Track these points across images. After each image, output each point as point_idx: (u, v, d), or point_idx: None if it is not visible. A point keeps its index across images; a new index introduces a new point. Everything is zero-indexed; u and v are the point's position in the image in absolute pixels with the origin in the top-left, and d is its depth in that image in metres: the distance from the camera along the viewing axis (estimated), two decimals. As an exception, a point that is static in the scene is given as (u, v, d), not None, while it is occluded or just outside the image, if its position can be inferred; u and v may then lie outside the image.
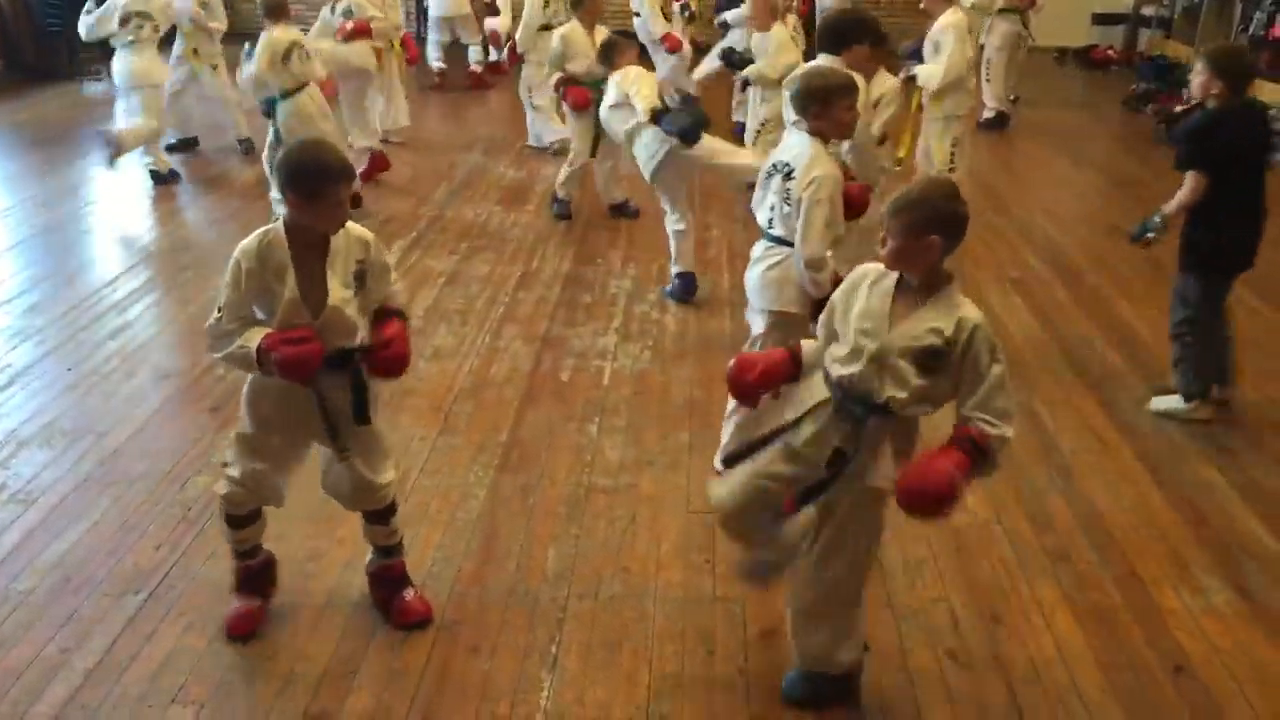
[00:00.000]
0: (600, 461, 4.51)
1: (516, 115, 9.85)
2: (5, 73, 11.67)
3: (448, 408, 4.94)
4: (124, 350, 5.47)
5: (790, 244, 4.06)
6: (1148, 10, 14.59)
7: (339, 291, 3.18)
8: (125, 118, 8.08)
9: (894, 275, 2.88)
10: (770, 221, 4.16)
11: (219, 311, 3.18)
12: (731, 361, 3.17)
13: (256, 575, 3.59)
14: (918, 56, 6.91)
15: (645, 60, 7.01)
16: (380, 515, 3.54)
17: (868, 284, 2.93)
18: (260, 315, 3.19)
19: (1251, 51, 11.45)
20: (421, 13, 15.00)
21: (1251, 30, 11.27)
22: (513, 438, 4.70)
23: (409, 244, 7.08)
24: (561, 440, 4.68)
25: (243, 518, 3.46)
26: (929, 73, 6.77)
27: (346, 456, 3.39)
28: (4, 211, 7.57)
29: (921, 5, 6.92)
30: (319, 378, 3.22)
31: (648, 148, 5.99)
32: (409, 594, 3.60)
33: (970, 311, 2.81)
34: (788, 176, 4.02)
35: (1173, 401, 5.02)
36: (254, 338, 3.13)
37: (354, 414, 3.34)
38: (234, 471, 3.38)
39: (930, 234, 2.76)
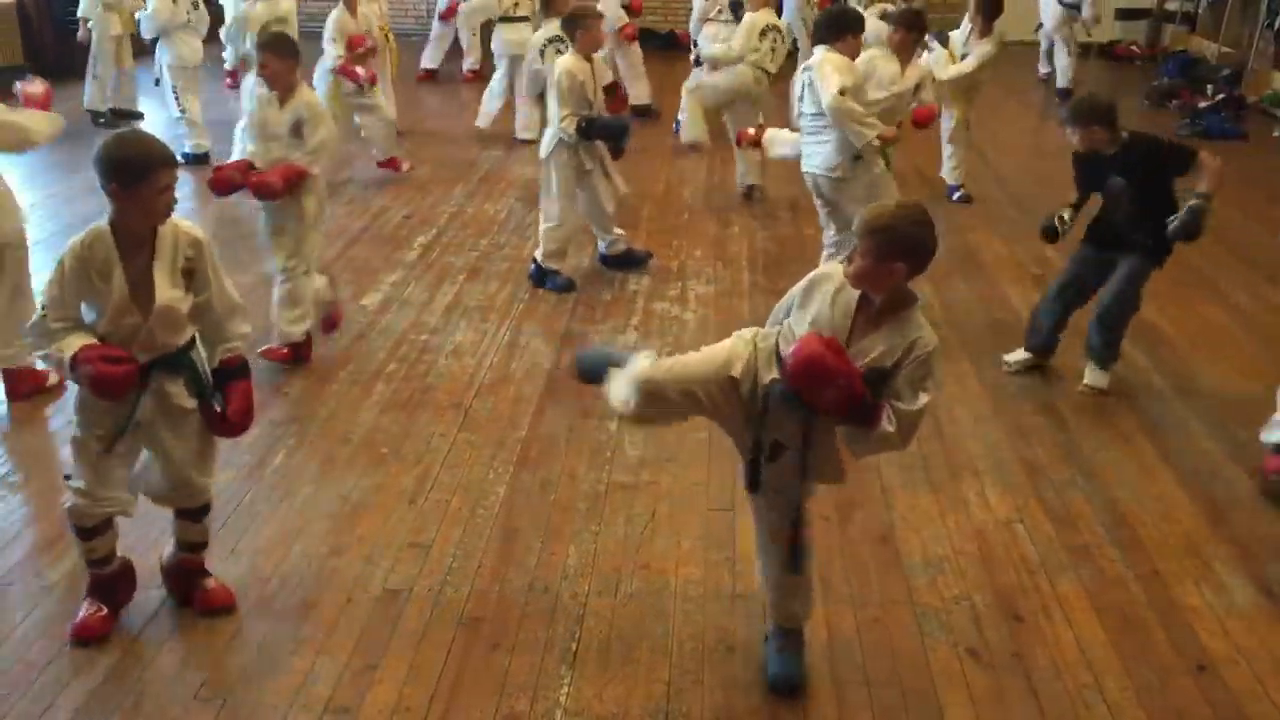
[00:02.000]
0: (620, 458, 4.51)
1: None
2: (28, 70, 11.72)
3: (467, 404, 4.95)
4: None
5: None
6: (1172, 5, 14.51)
7: (166, 290, 3.14)
8: None
9: (857, 292, 2.89)
10: None
11: (43, 309, 3.16)
12: None
13: (107, 583, 3.49)
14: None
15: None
16: (196, 513, 3.52)
17: (830, 292, 2.93)
18: (88, 314, 3.17)
19: (1278, 47, 11.41)
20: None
21: (1277, 26, 11.18)
22: (532, 434, 4.70)
23: (430, 240, 7.10)
24: (581, 437, 4.68)
25: (91, 529, 3.36)
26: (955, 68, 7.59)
27: (154, 452, 3.37)
28: (29, 208, 7.56)
29: None
30: (154, 378, 3.22)
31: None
32: (210, 582, 3.59)
33: (928, 335, 2.86)
34: None
35: None
36: (71, 345, 3.08)
37: (209, 423, 3.34)
38: (78, 483, 3.31)
39: (896, 260, 2.78)
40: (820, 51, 5.58)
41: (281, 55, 4.92)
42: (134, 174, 3.03)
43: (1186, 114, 10.97)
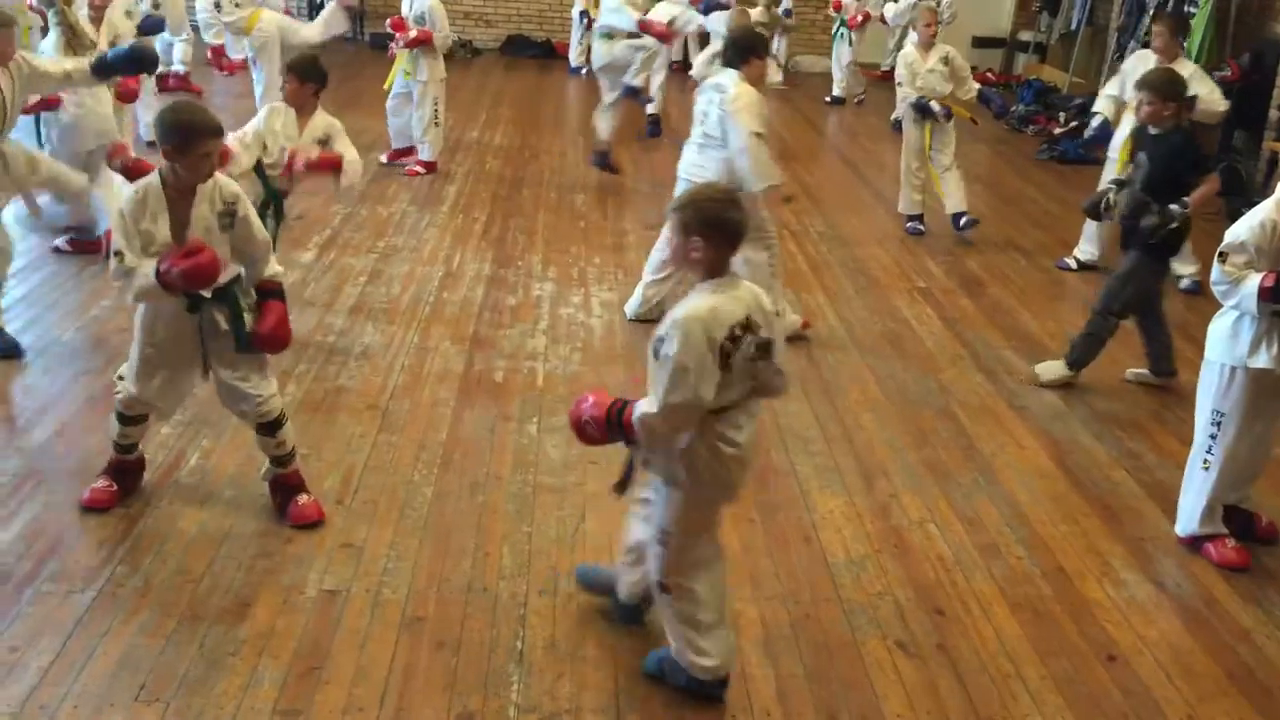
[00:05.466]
0: (544, 461, 4.55)
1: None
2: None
3: (384, 406, 4.91)
4: (38, 345, 5.29)
5: None
6: (1025, 36, 15.22)
7: (200, 230, 3.68)
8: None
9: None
10: None
11: (116, 253, 3.62)
12: None
13: (125, 467, 4.07)
14: None
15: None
16: (268, 428, 3.97)
17: None
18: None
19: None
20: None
21: (1126, 59, 11.81)
22: (453, 437, 4.70)
23: (325, 241, 6.98)
24: (502, 440, 4.71)
25: (131, 418, 3.98)
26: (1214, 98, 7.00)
27: (217, 376, 3.92)
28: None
29: (1154, 45, 7.23)
30: (205, 308, 3.76)
31: None
32: (303, 498, 4.02)
33: (683, 309, 2.96)
34: None
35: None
36: (149, 264, 3.59)
37: (235, 344, 3.84)
38: (129, 385, 3.90)
39: (694, 234, 2.96)
40: (732, 77, 5.66)
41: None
42: (180, 140, 3.58)
43: (1044, 139, 11.54)
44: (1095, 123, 7.50)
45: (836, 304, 6.55)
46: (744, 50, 5.74)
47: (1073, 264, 7.54)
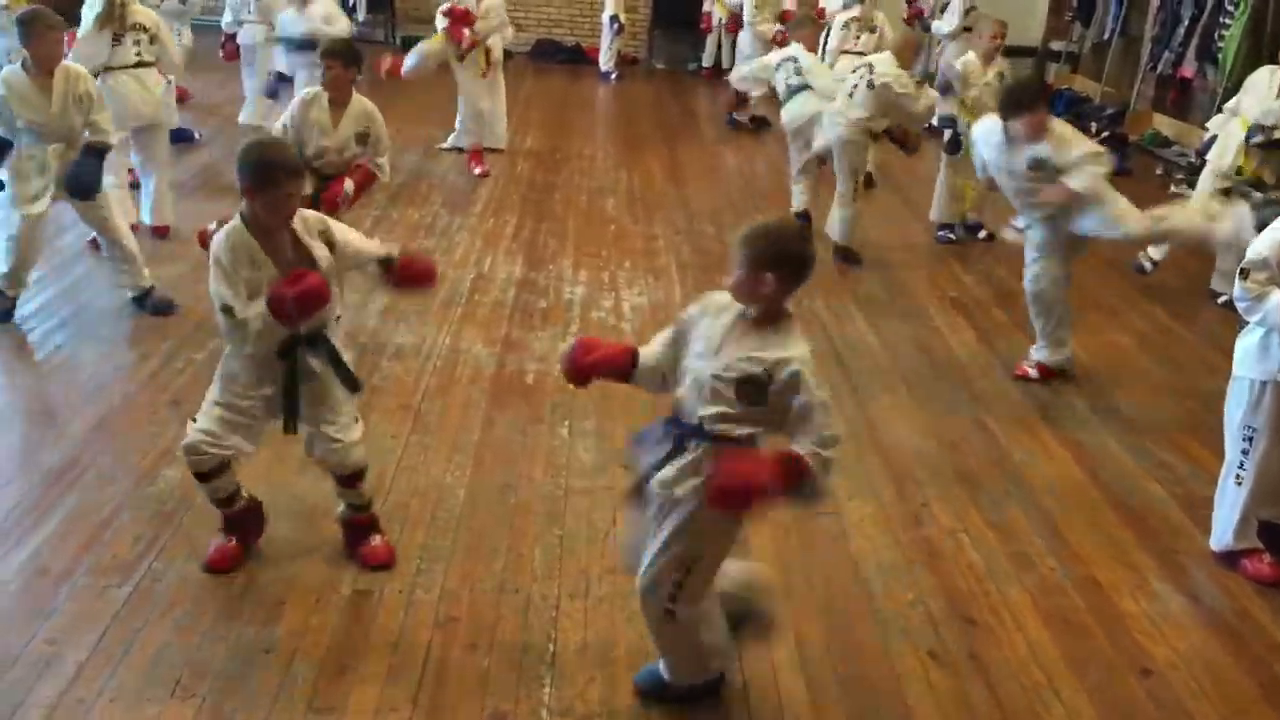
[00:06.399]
0: (575, 464, 4.56)
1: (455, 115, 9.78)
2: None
3: (416, 407, 4.94)
4: (74, 340, 5.34)
5: None
6: (1056, 45, 15.15)
7: (325, 260, 3.47)
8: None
9: (738, 308, 2.94)
10: None
11: (224, 309, 3.37)
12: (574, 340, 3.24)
13: (236, 520, 3.75)
14: None
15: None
16: (349, 479, 3.78)
17: (714, 312, 2.98)
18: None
19: (1158, 89, 12.02)
20: None
21: (1159, 69, 11.77)
22: (485, 438, 4.72)
23: (356, 243, 7.02)
24: (534, 442, 4.72)
25: (206, 473, 3.61)
26: None
27: (292, 431, 3.65)
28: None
29: None
30: (300, 355, 3.51)
31: None
32: (375, 539, 3.85)
33: (795, 350, 2.85)
34: None
35: None
36: (256, 306, 3.35)
37: (344, 385, 3.67)
38: (203, 425, 3.56)
39: (766, 270, 2.83)
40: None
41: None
42: (260, 177, 3.35)
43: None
44: (1205, 138, 7.79)
45: (868, 312, 6.53)
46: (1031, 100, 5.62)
47: (1148, 265, 7.69)
